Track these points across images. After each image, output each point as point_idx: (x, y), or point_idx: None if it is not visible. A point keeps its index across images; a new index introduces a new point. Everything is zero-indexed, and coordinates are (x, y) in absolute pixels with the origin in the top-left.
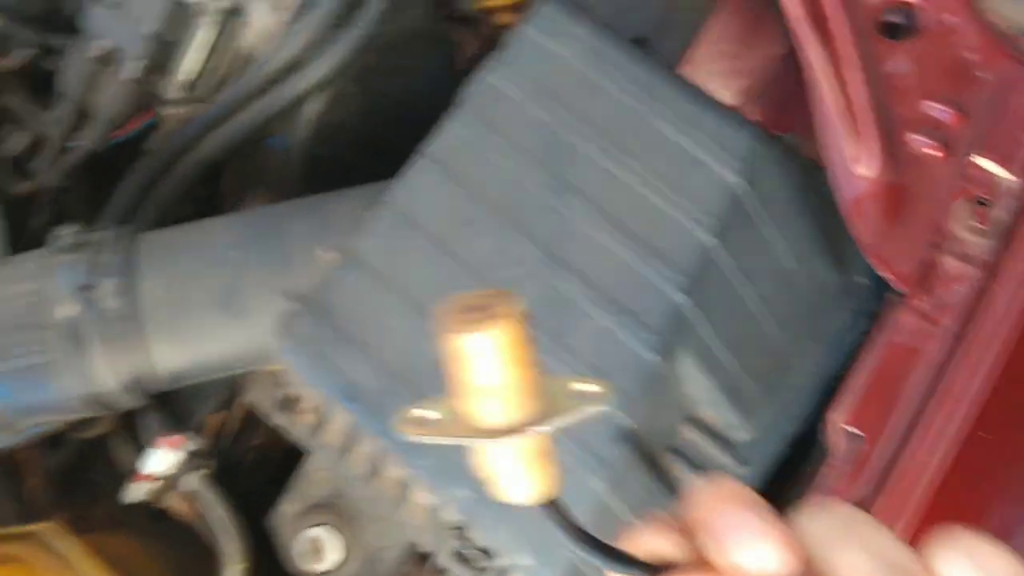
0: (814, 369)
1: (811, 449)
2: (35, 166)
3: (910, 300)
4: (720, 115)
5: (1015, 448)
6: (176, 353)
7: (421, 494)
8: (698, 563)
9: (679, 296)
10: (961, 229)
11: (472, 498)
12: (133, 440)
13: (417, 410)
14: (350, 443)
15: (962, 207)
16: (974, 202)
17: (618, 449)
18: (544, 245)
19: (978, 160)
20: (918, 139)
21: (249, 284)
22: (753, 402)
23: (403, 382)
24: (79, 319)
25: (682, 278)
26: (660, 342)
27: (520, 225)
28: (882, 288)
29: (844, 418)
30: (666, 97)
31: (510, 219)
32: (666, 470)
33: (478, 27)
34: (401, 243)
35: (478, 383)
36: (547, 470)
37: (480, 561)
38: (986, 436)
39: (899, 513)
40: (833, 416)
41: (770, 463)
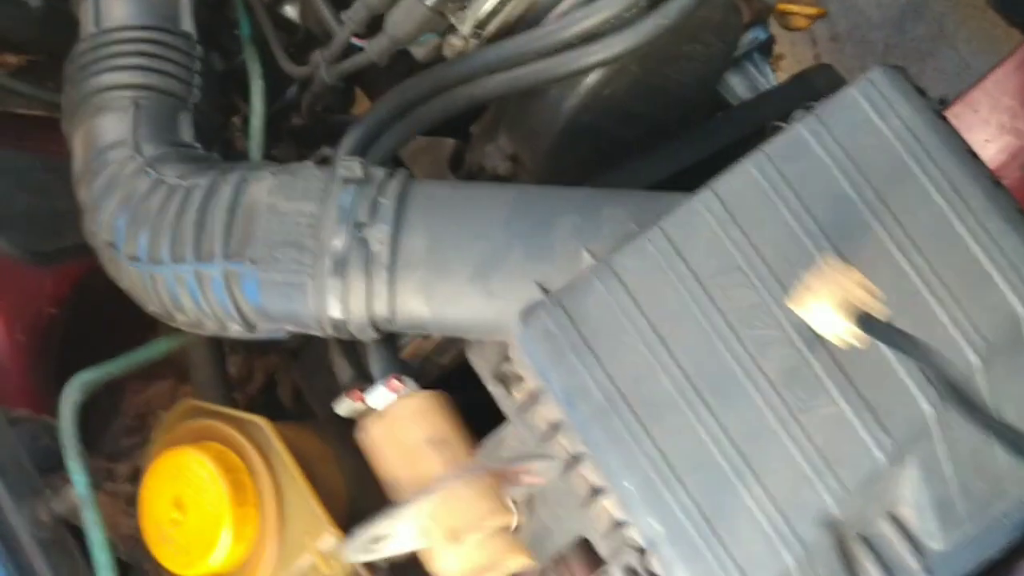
0: None
1: None
2: (315, 58)
3: None
4: None
5: None
6: (421, 309)
7: (612, 507)
8: None
9: (927, 407)
10: None
11: (663, 534)
12: (356, 362)
13: None
14: (553, 433)
15: None
16: None
17: (818, 533)
18: None
19: None
20: None
21: (507, 265)
22: (959, 518)
23: (624, 404)
24: (348, 253)
25: (934, 390)
26: (895, 447)
27: (787, 288)
28: None
29: None
30: (978, 208)
31: (779, 279)
32: (854, 561)
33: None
34: (662, 271)
35: None
36: None
37: None
38: None
39: None
40: None
41: None
